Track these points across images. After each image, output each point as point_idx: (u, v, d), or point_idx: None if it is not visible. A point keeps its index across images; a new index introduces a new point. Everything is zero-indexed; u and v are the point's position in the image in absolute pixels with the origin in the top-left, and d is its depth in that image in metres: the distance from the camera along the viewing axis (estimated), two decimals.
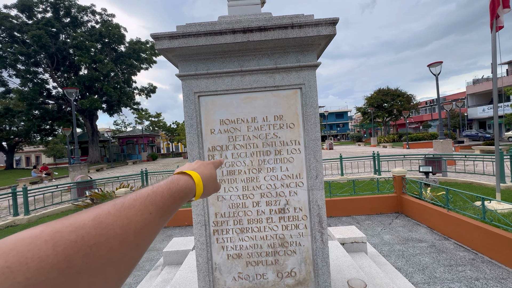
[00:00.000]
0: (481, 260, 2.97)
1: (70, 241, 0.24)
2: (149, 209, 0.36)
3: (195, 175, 0.53)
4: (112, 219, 0.30)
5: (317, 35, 1.36)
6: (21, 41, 23.31)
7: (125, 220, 0.31)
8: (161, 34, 1.36)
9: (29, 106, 23.78)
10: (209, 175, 0.58)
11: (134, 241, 0.31)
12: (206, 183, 0.55)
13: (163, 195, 0.40)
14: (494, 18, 4.53)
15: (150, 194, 0.38)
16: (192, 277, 2.19)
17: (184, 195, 0.46)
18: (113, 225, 0.29)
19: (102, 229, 0.28)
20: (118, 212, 0.31)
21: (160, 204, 0.38)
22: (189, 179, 0.51)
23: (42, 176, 15.65)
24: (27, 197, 6.28)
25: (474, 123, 35.98)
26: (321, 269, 1.48)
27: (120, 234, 0.29)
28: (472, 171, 7.50)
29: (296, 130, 1.49)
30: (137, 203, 0.35)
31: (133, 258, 0.31)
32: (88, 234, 0.26)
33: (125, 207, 0.33)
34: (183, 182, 0.48)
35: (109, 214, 0.30)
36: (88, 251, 0.25)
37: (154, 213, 0.36)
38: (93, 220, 0.28)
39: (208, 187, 0.57)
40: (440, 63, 11.28)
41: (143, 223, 0.33)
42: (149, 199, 0.37)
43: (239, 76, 1.48)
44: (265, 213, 1.51)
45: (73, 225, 0.26)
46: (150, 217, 0.35)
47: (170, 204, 0.41)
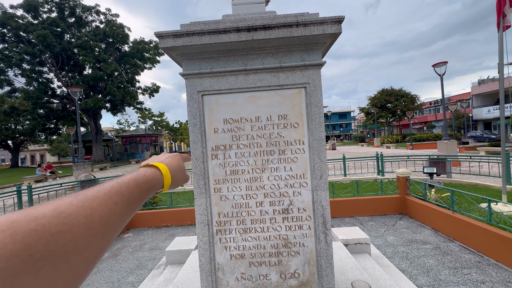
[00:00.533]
0: (487, 263, 2.92)
1: (29, 230, 0.24)
2: (114, 199, 0.36)
3: (162, 166, 0.53)
4: (74, 209, 0.30)
5: (322, 33, 1.34)
6: (26, 41, 23.57)
7: (88, 210, 0.31)
8: (165, 32, 1.36)
9: (34, 105, 24.03)
10: (177, 166, 0.59)
11: (100, 230, 0.31)
12: (174, 174, 0.56)
13: (128, 186, 0.40)
14: (501, 17, 4.47)
15: (115, 185, 0.39)
16: (194, 276, 2.19)
17: (151, 186, 0.47)
18: (76, 214, 0.29)
19: (64, 218, 0.28)
20: (81, 202, 0.31)
21: (125, 195, 0.39)
22: (156, 170, 0.51)
23: (46, 174, 15.79)
24: (31, 195, 6.33)
25: (479, 124, 35.57)
26: (325, 271, 1.47)
27: (84, 223, 0.29)
28: (477, 173, 7.40)
29: (300, 130, 1.47)
30: (101, 194, 0.35)
31: (99, 247, 0.31)
32: (49, 223, 0.26)
33: (88, 198, 0.33)
34: (149, 173, 0.48)
35: (70, 204, 0.30)
36: (50, 238, 0.25)
37: (120, 203, 0.37)
38: (53, 210, 0.28)
39: (176, 177, 0.57)
40: (445, 63, 11.17)
41: (108, 212, 0.34)
42: (113, 190, 0.37)
43: (243, 75, 1.47)
44: (268, 213, 1.50)
45: (32, 214, 0.25)
46: (116, 207, 0.35)
47: (137, 195, 0.41)
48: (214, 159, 1.50)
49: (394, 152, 19.51)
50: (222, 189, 1.50)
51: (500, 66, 4.64)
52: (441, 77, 11.37)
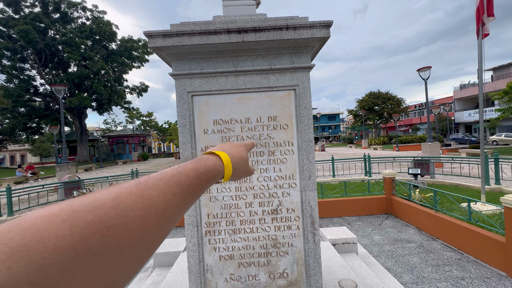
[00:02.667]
0: (466, 260, 3.05)
1: (87, 222, 0.23)
2: (173, 190, 0.34)
3: (224, 156, 0.51)
4: (133, 199, 0.29)
5: (312, 37, 1.37)
6: (7, 36, 22.53)
7: (146, 201, 0.30)
8: (154, 32, 1.35)
9: (14, 103, 22.98)
10: (240, 157, 0.56)
11: (155, 223, 0.30)
12: (235, 165, 0.53)
13: (188, 175, 0.39)
14: (480, 25, 4.69)
15: (175, 174, 0.37)
16: (183, 279, 2.16)
17: (211, 176, 0.45)
18: (133, 206, 0.28)
19: (122, 209, 0.27)
20: (140, 192, 0.30)
21: (184, 186, 0.37)
22: (217, 159, 0.49)
23: (27, 175, 15.13)
24: (10, 197, 6.06)
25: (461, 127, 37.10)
26: (313, 270, 1.49)
27: (140, 215, 0.28)
28: (458, 173, 7.72)
29: (289, 131, 1.49)
30: (161, 183, 0.34)
31: (153, 241, 0.30)
32: (106, 215, 0.25)
33: (148, 187, 0.31)
34: (210, 162, 0.46)
35: (130, 193, 0.29)
36: (105, 232, 0.24)
37: (178, 194, 0.35)
38: (113, 200, 0.27)
39: (238, 169, 0.55)
40: (429, 68, 11.60)
41: (165, 204, 0.32)
42: (173, 179, 0.36)
43: (233, 77, 1.47)
44: (257, 214, 1.51)
45: (92, 204, 0.25)
46: (174, 199, 0.34)
47: (196, 185, 0.40)
48: None
49: (381, 153, 20.02)
50: (211, 190, 1.50)
51: (479, 72, 4.86)
52: (425, 81, 11.79)
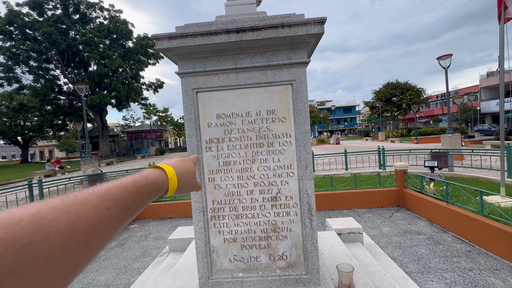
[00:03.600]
0: (477, 252, 3.02)
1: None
2: (106, 204, 0.33)
3: (168, 169, 0.50)
4: (57, 214, 0.27)
5: (306, 33, 1.44)
6: (33, 38, 23.94)
7: (73, 216, 0.28)
8: (161, 35, 1.48)
9: (41, 102, 24.55)
10: (186, 171, 0.56)
11: (83, 239, 0.28)
12: (181, 177, 0.53)
13: (126, 189, 0.38)
14: (501, 8, 4.43)
15: (111, 188, 0.36)
16: (194, 261, 2.35)
17: (153, 189, 0.44)
18: (57, 221, 0.26)
19: (42, 225, 0.25)
20: (67, 207, 0.28)
21: (121, 199, 0.36)
22: (161, 172, 0.48)
23: (55, 169, 16.25)
24: (42, 188, 6.61)
25: (487, 117, 34.90)
26: (310, 253, 1.60)
27: (65, 231, 0.26)
28: (479, 166, 7.40)
29: (287, 124, 1.59)
30: (93, 197, 0.32)
31: (80, 258, 0.28)
32: (21, 231, 0.23)
33: (76, 202, 0.30)
34: (153, 175, 0.45)
35: (54, 209, 0.27)
36: (19, 249, 0.22)
37: (113, 208, 0.34)
38: (32, 215, 0.25)
39: (184, 182, 0.54)
40: (450, 56, 11.01)
41: (96, 219, 0.31)
42: (108, 193, 0.34)
43: (234, 73, 1.58)
44: (258, 201, 1.62)
45: (5, 220, 0.23)
46: (107, 213, 0.32)
47: (135, 199, 0.38)
48: (208, 151, 1.63)
49: (399, 146, 19.40)
50: (215, 179, 1.63)
51: (500, 59, 4.62)
52: (445, 70, 11.22)
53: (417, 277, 2.59)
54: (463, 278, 2.51)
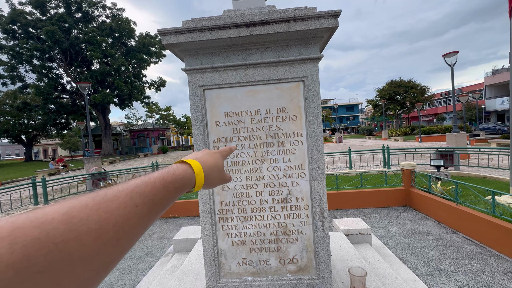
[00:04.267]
0: (489, 254, 2.94)
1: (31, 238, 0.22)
2: (135, 201, 0.33)
3: (195, 164, 0.49)
4: (88, 212, 0.27)
5: (319, 27, 1.37)
6: (36, 37, 23.98)
7: (103, 214, 0.28)
8: (167, 29, 1.41)
9: (45, 101, 24.63)
10: (214, 165, 0.54)
11: (114, 237, 0.29)
12: (208, 172, 0.52)
13: (154, 185, 0.37)
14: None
15: (140, 184, 0.36)
16: (200, 263, 2.30)
17: (181, 185, 0.43)
18: (88, 219, 0.27)
19: (73, 224, 0.25)
20: (97, 205, 0.29)
21: (149, 196, 0.36)
22: (187, 168, 0.47)
23: (59, 168, 16.33)
24: (46, 187, 6.62)
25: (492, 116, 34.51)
26: (322, 257, 1.54)
27: (96, 229, 0.27)
28: (486, 165, 7.28)
29: (298, 122, 1.52)
30: (122, 194, 0.33)
31: (111, 255, 0.29)
32: (54, 230, 0.24)
33: (106, 199, 0.30)
34: (180, 171, 0.45)
35: (85, 207, 0.28)
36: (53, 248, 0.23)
37: (142, 205, 0.34)
38: (64, 214, 0.25)
39: (211, 177, 0.53)
40: (456, 53, 10.84)
41: (125, 216, 0.31)
42: (136, 190, 0.35)
43: (243, 70, 1.51)
44: (268, 202, 1.57)
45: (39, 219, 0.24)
46: (136, 210, 0.33)
47: (162, 195, 0.38)
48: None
49: (402, 144, 19.24)
50: None
51: (511, 56, 4.50)
52: (451, 67, 11.05)
53: (428, 279, 2.53)
54: (476, 281, 2.44)
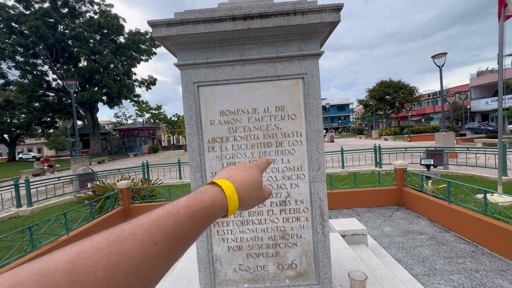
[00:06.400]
0: (481, 252, 2.97)
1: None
2: (154, 238, 0.29)
3: (227, 186, 0.42)
4: (97, 258, 0.24)
5: (321, 22, 1.30)
6: (19, 32, 23.03)
7: (114, 258, 0.25)
8: (158, 21, 1.31)
9: (29, 98, 23.70)
10: (250, 183, 0.47)
11: (125, 284, 0.25)
12: (244, 193, 0.44)
13: (177, 216, 0.32)
14: (502, 6, 4.40)
15: (161, 217, 0.31)
16: (193, 268, 2.21)
17: (209, 214, 0.37)
18: (95, 267, 0.24)
19: (78, 274, 0.23)
20: (109, 246, 0.26)
21: (171, 230, 0.31)
22: (218, 192, 0.40)
23: (44, 168, 15.74)
24: (29, 189, 6.32)
25: (477, 116, 35.69)
26: (322, 261, 1.48)
27: (104, 278, 0.24)
28: (473, 164, 7.46)
29: (297, 122, 1.45)
30: (140, 230, 0.28)
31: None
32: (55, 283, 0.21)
33: (121, 239, 0.27)
34: (208, 197, 0.38)
35: (96, 250, 0.25)
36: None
37: (162, 242, 0.29)
38: (69, 262, 0.23)
39: (247, 198, 0.45)
40: (445, 55, 11.07)
41: (141, 258, 0.27)
42: (156, 224, 0.30)
43: (240, 66, 1.43)
44: (265, 205, 1.49)
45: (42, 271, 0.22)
46: (154, 249, 0.28)
47: (188, 227, 0.33)
48: (210, 151, 1.48)
49: (392, 144, 19.59)
50: None
51: (499, 57, 4.60)
52: (440, 68, 11.29)
53: (424, 279, 2.52)
54: (470, 281, 2.45)
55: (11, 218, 5.92)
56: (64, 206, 6.63)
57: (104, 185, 6.07)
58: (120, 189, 5.14)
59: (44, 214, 6.00)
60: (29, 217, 5.92)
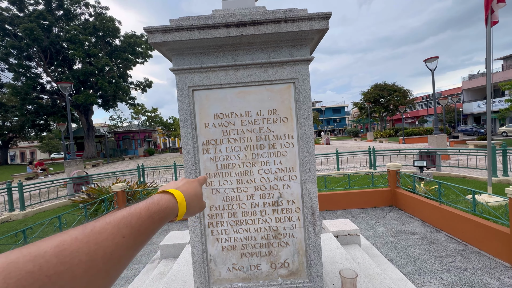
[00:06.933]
0: (470, 251, 3.05)
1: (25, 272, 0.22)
2: (122, 232, 0.34)
3: (177, 194, 0.50)
4: (78, 245, 0.28)
5: (310, 29, 1.36)
6: (12, 34, 22.79)
7: (93, 246, 0.29)
8: (154, 27, 1.36)
9: (22, 101, 23.40)
10: (194, 194, 0.56)
11: (103, 268, 0.30)
12: (190, 201, 0.53)
13: (140, 216, 0.38)
14: (488, 12, 4.55)
15: (126, 216, 0.37)
16: (188, 269, 2.23)
17: (165, 215, 0.44)
18: (78, 251, 0.27)
19: (65, 256, 0.26)
20: (86, 237, 0.30)
21: (135, 227, 0.37)
22: (171, 198, 0.48)
23: (37, 171, 15.52)
24: (22, 192, 6.25)
25: (469, 118, 36.32)
26: (314, 260, 1.52)
27: (86, 261, 0.28)
28: (465, 166, 7.61)
29: (289, 124, 1.51)
30: (110, 226, 0.33)
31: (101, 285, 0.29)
32: (47, 263, 0.24)
33: (95, 232, 0.31)
34: (164, 201, 0.46)
35: (75, 240, 0.28)
36: (46, 281, 0.23)
37: (128, 236, 0.35)
38: (55, 247, 0.26)
39: (192, 205, 0.55)
40: (436, 58, 11.32)
41: (114, 247, 0.32)
42: (123, 221, 0.36)
43: (233, 70, 1.48)
44: (259, 205, 1.54)
45: (32, 253, 0.24)
46: (123, 241, 0.34)
47: (148, 225, 0.39)
48: (205, 153, 1.52)
49: (387, 146, 19.82)
50: (213, 183, 1.53)
51: (487, 61, 4.74)
52: (432, 72, 11.52)
53: (415, 278, 2.58)
54: (459, 279, 2.52)
55: (3, 222, 5.84)
56: (58, 210, 6.57)
57: (99, 188, 6.04)
58: (115, 192, 5.12)
59: (38, 218, 5.94)
60: (22, 221, 5.85)
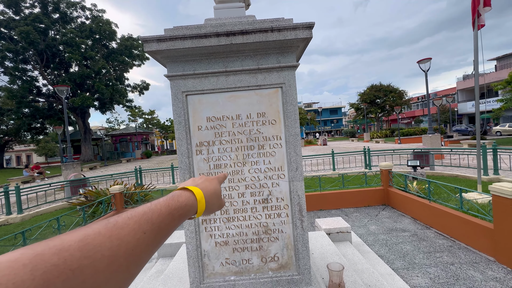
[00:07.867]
0: (457, 247, 3.17)
1: (50, 265, 0.23)
2: (143, 228, 0.34)
3: (197, 191, 0.50)
4: (101, 239, 0.29)
5: (295, 38, 1.47)
6: (8, 38, 22.73)
7: (115, 241, 0.30)
8: (149, 37, 1.46)
9: (18, 104, 23.31)
10: (213, 191, 0.56)
11: (124, 263, 0.30)
12: (209, 199, 0.53)
13: (160, 212, 0.39)
14: (475, 16, 4.71)
15: (147, 212, 0.37)
16: (184, 266, 2.31)
17: (184, 212, 0.44)
18: (101, 246, 0.28)
19: (88, 251, 0.26)
20: (109, 232, 0.30)
21: (156, 223, 0.37)
22: (190, 195, 0.48)
23: (34, 175, 15.47)
24: (19, 196, 6.27)
25: (464, 118, 36.76)
26: (302, 254, 1.62)
27: (109, 256, 0.28)
28: (458, 165, 7.77)
29: (277, 126, 1.61)
30: (132, 222, 0.34)
31: (122, 281, 0.30)
32: (71, 257, 0.25)
33: (117, 227, 0.32)
34: (183, 198, 0.46)
35: (98, 234, 0.29)
36: (70, 275, 0.24)
37: (149, 232, 0.35)
38: (79, 241, 0.27)
39: (211, 203, 0.54)
40: (429, 60, 11.53)
41: (135, 243, 0.32)
42: (144, 217, 0.36)
43: (224, 76, 1.58)
44: (249, 203, 1.63)
45: (57, 246, 0.25)
46: (144, 237, 0.34)
47: (168, 222, 0.39)
48: (198, 154, 1.62)
49: (383, 146, 20.03)
50: None
51: (475, 63, 4.89)
52: (425, 73, 11.73)
53: (403, 273, 2.68)
54: (445, 272, 2.62)
55: (0, 226, 5.86)
56: (56, 213, 6.60)
57: (96, 191, 6.09)
58: (113, 194, 5.18)
59: (35, 221, 5.97)
60: (19, 224, 5.88)
